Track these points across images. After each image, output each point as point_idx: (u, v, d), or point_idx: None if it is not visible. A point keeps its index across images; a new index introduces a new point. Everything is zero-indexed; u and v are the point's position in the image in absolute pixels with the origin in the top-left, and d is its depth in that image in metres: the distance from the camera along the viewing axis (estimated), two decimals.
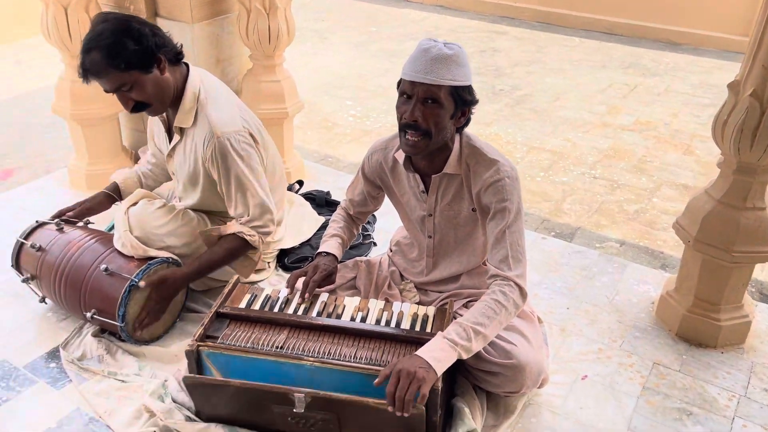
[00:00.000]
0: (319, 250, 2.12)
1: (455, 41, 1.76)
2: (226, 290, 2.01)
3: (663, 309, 2.36)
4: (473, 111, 1.83)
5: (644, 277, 2.63)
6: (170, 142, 2.26)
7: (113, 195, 2.45)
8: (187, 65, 2.18)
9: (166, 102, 2.12)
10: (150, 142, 2.49)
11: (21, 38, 5.71)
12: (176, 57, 2.12)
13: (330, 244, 2.12)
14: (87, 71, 1.98)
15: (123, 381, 2.03)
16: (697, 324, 2.24)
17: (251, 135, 2.21)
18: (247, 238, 2.21)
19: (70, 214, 2.37)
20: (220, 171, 2.16)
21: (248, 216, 2.21)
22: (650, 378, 2.12)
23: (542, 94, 4.89)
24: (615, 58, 5.72)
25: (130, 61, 1.96)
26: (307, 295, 1.97)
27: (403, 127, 1.75)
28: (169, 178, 2.56)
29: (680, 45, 6.04)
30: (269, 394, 1.71)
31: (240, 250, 2.24)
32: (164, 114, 2.25)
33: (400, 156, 1.92)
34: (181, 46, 2.15)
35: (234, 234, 2.20)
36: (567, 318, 2.38)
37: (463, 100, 1.74)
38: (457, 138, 1.86)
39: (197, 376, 1.79)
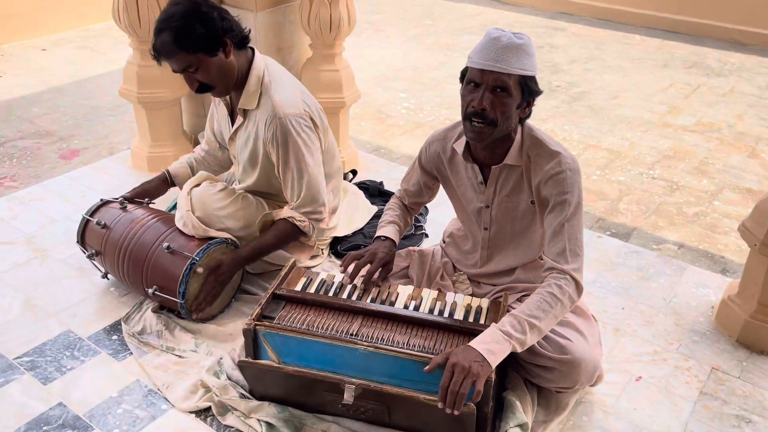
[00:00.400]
0: (377, 235, 2.13)
1: None
2: (283, 273, 2.05)
3: (723, 314, 2.29)
4: (535, 103, 1.81)
5: (704, 281, 2.55)
6: (233, 124, 2.32)
7: (167, 181, 2.54)
8: (252, 49, 2.23)
9: (229, 85, 2.17)
10: (207, 129, 2.55)
11: (90, 23, 5.90)
12: (242, 41, 2.17)
13: (388, 230, 2.13)
14: (158, 52, 2.06)
15: (180, 356, 2.10)
16: (760, 330, 2.17)
17: (312, 119, 2.25)
18: (298, 223, 2.24)
19: (127, 195, 2.45)
20: (279, 152, 2.20)
21: (300, 200, 2.25)
22: (708, 383, 2.06)
23: (600, 91, 4.80)
24: (677, 57, 5.56)
25: (196, 44, 2.03)
26: (360, 283, 1.99)
27: (470, 116, 1.74)
28: (219, 168, 2.62)
29: (747, 45, 5.83)
30: (321, 382, 1.73)
31: (290, 235, 2.28)
32: (228, 97, 2.30)
33: (459, 146, 1.92)
34: (249, 30, 2.20)
35: (284, 219, 2.24)
36: (621, 318, 2.34)
37: (530, 90, 1.74)
38: (519, 129, 1.85)
39: (252, 360, 1.83)
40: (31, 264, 2.54)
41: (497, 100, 1.70)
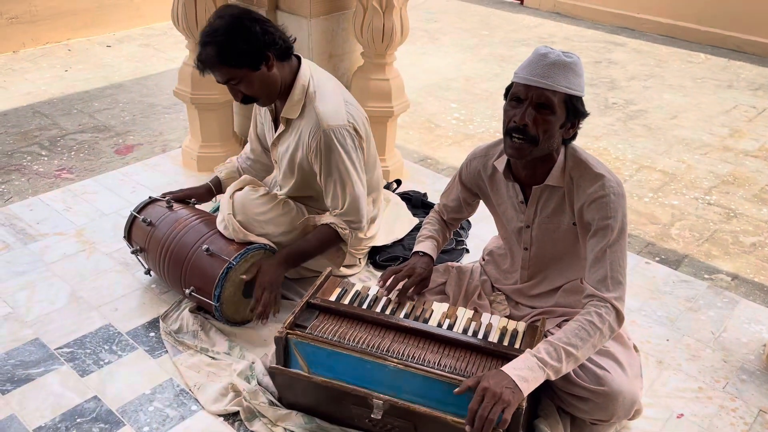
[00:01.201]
0: (415, 249, 2.11)
1: (570, 50, 1.70)
2: (318, 282, 2.04)
3: None
4: (581, 125, 1.76)
5: (757, 316, 2.43)
6: (275, 131, 2.33)
7: (213, 189, 2.57)
8: (298, 58, 2.24)
9: (273, 96, 2.21)
10: (250, 136, 2.58)
11: (154, 22, 6.08)
12: (285, 52, 2.18)
13: (427, 245, 2.10)
14: (203, 63, 2.10)
15: (213, 358, 2.12)
16: None
17: (356, 129, 2.24)
18: (339, 230, 2.24)
19: (170, 196, 2.49)
20: (322, 163, 2.20)
21: (342, 209, 2.25)
22: (755, 426, 1.96)
23: (658, 110, 4.65)
24: (743, 78, 5.34)
25: (239, 59, 2.06)
26: (395, 297, 1.97)
27: (510, 131, 1.70)
28: (265, 174, 2.64)
29: None
30: (349, 395, 1.72)
31: (332, 241, 2.28)
32: (272, 105, 2.32)
33: (500, 164, 1.88)
34: (294, 40, 2.22)
35: (327, 225, 2.24)
36: (665, 350, 2.25)
37: (575, 110, 1.69)
38: (562, 150, 1.80)
39: (282, 367, 1.83)
40: (79, 256, 2.62)
41: (540, 116, 1.66)
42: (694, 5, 6.18)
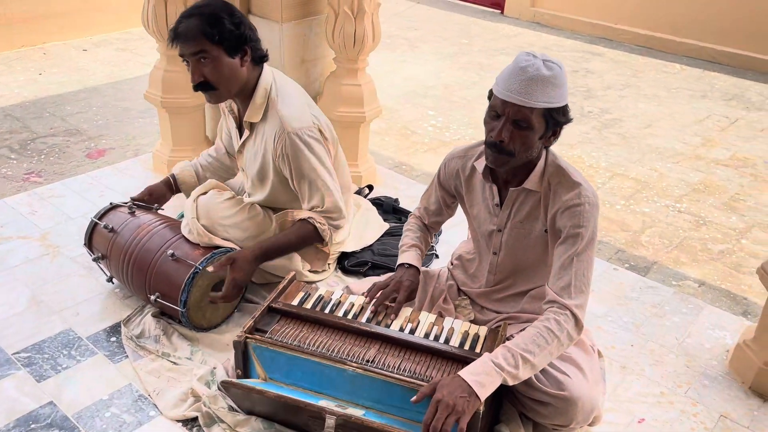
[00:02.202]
0: (400, 261, 2.08)
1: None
2: (281, 286, 2.03)
3: (738, 359, 2.19)
4: (563, 129, 1.76)
5: (721, 322, 2.45)
6: (240, 137, 2.32)
7: (172, 188, 2.52)
8: (262, 66, 2.24)
9: (231, 92, 2.15)
10: (219, 134, 2.56)
11: (132, 26, 6.03)
12: (261, 59, 2.18)
13: (411, 256, 2.08)
14: (178, 34, 2.04)
15: (174, 363, 2.09)
16: None
17: (320, 131, 2.24)
18: (318, 225, 2.23)
19: (134, 197, 2.45)
20: (291, 166, 2.19)
21: (322, 207, 2.24)
22: (715, 431, 1.96)
23: (633, 119, 4.69)
24: (717, 88, 5.41)
25: (221, 36, 2.03)
26: (393, 315, 1.93)
27: (489, 144, 1.71)
28: (226, 175, 2.61)
29: None
30: (302, 409, 1.69)
31: (309, 237, 2.26)
32: (235, 110, 2.32)
33: (480, 165, 1.87)
34: (266, 51, 2.21)
35: (305, 220, 2.23)
36: (629, 356, 2.25)
37: (555, 121, 1.68)
38: (543, 154, 1.80)
39: (234, 380, 1.80)
40: (42, 260, 2.58)
41: (517, 132, 1.66)
42: (671, 16, 6.26)
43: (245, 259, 2.13)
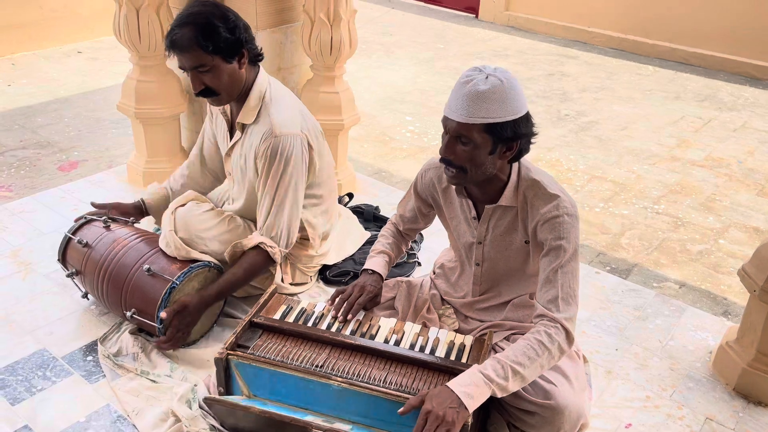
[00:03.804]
0: (365, 267, 2.07)
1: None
2: (262, 300, 1.99)
3: (721, 360, 2.20)
4: (533, 142, 1.74)
5: (703, 324, 2.46)
6: (231, 139, 2.29)
7: (141, 210, 2.49)
8: (259, 67, 2.23)
9: (233, 95, 2.15)
10: (194, 150, 2.51)
11: (102, 35, 5.94)
12: (256, 58, 2.17)
13: (377, 262, 2.07)
14: (174, 44, 2.01)
15: (154, 381, 2.03)
16: (758, 380, 2.08)
17: (308, 141, 2.22)
18: (269, 250, 2.18)
19: (99, 204, 2.41)
20: (264, 168, 2.16)
21: (266, 222, 2.19)
22: None
23: (609, 122, 4.73)
24: (690, 89, 5.49)
25: (218, 45, 2.01)
26: (349, 316, 1.93)
27: (441, 162, 1.71)
28: (201, 192, 2.53)
29: (761, 80, 5.75)
30: (288, 425, 1.66)
31: (261, 266, 2.21)
32: (228, 112, 2.29)
33: None
34: (261, 49, 2.20)
35: (255, 248, 2.18)
36: (614, 360, 2.25)
37: (500, 136, 1.63)
38: (514, 169, 1.78)
39: (217, 397, 1.76)
40: (14, 278, 2.51)
41: (461, 149, 1.65)
42: (643, 19, 6.34)
43: (195, 308, 2.08)
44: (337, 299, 1.99)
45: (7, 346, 2.16)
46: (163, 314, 2.03)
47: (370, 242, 2.74)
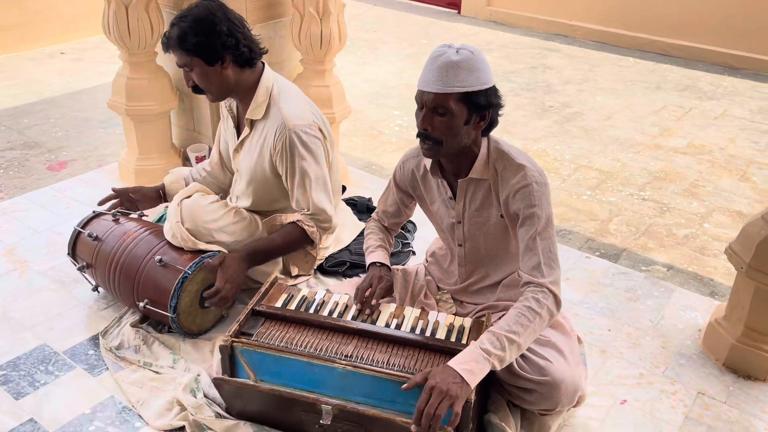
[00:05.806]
0: (371, 261, 2.11)
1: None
2: (263, 289, 2.02)
3: (710, 337, 2.27)
4: (500, 114, 1.79)
5: (691, 303, 2.53)
6: (239, 136, 2.31)
7: (161, 197, 2.53)
8: (263, 63, 2.26)
9: (222, 94, 2.21)
10: (214, 149, 2.54)
11: (87, 36, 5.90)
12: (246, 62, 2.17)
13: (380, 255, 2.12)
14: (163, 42, 2.14)
15: (157, 372, 2.05)
16: (747, 355, 2.14)
17: (320, 130, 2.25)
18: (306, 228, 2.22)
19: (120, 189, 2.46)
20: (287, 163, 2.20)
21: (309, 210, 2.24)
22: (694, 408, 2.03)
23: (593, 112, 4.81)
24: (670, 80, 5.58)
25: (194, 48, 2.08)
26: (374, 301, 1.96)
27: (419, 135, 1.76)
28: (218, 191, 2.56)
29: (739, 69, 5.86)
30: (298, 401, 1.70)
31: (298, 241, 2.25)
32: (235, 110, 2.32)
33: (428, 162, 1.92)
34: (265, 51, 2.24)
35: (293, 223, 2.22)
36: (608, 340, 2.31)
37: (476, 104, 1.70)
38: (484, 142, 1.84)
39: (227, 377, 1.79)
40: (10, 276, 2.51)
41: (438, 120, 1.70)
42: (623, 12, 6.43)
43: (234, 259, 2.12)
44: (365, 294, 2.00)
45: (7, 343, 2.17)
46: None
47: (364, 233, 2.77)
